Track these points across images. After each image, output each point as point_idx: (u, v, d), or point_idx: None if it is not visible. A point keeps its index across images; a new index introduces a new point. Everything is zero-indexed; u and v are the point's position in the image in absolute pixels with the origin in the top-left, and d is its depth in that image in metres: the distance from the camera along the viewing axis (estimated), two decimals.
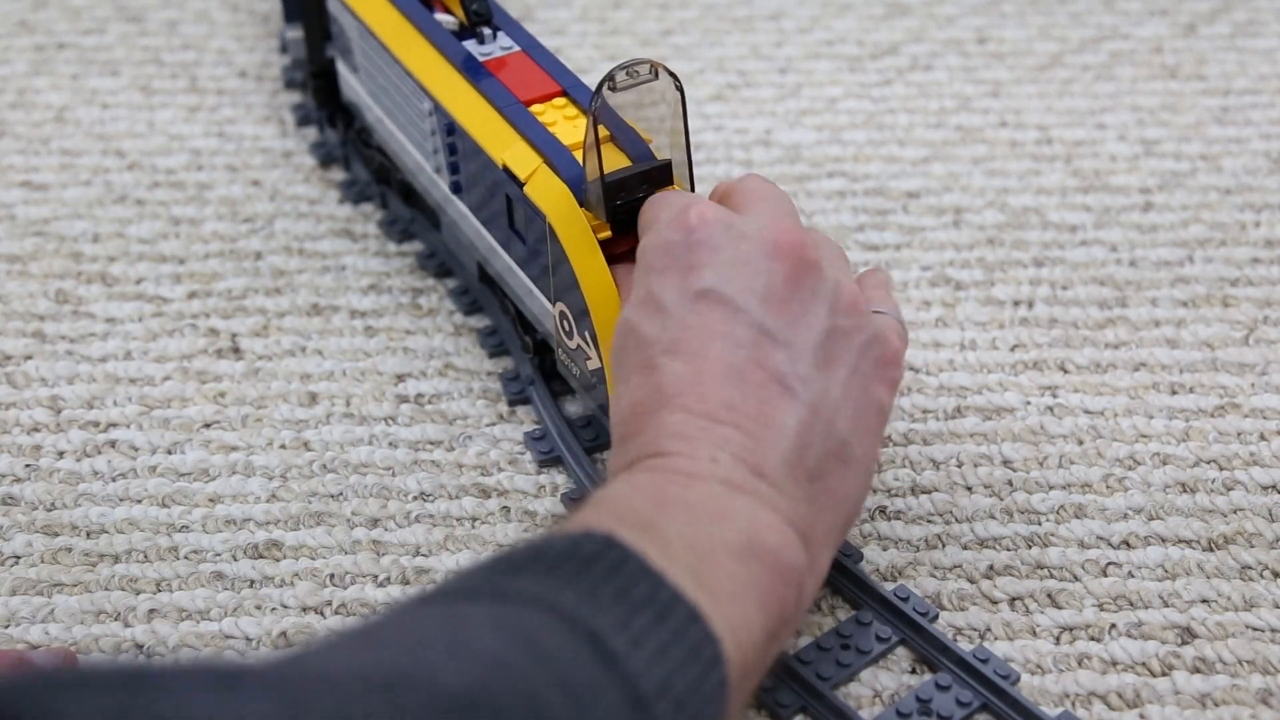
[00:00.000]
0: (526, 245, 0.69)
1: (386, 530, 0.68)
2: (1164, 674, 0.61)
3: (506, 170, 0.68)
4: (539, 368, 0.73)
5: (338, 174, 0.88)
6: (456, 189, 0.75)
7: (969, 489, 0.69)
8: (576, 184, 0.65)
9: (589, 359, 0.66)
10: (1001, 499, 0.68)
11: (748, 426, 0.54)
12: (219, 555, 0.67)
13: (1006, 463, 0.70)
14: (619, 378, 0.58)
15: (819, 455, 0.55)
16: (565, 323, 0.67)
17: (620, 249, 0.65)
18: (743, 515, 0.52)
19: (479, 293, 0.78)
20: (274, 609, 0.65)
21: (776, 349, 0.56)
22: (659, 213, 0.61)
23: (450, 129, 0.73)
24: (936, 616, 0.63)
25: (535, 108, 0.69)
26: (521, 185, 0.67)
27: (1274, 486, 0.69)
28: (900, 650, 0.62)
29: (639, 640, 0.45)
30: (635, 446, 0.55)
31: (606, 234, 0.65)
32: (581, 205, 0.65)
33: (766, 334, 0.56)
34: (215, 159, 0.90)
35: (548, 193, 0.66)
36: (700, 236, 0.58)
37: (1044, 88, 0.95)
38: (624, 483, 0.53)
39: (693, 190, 0.66)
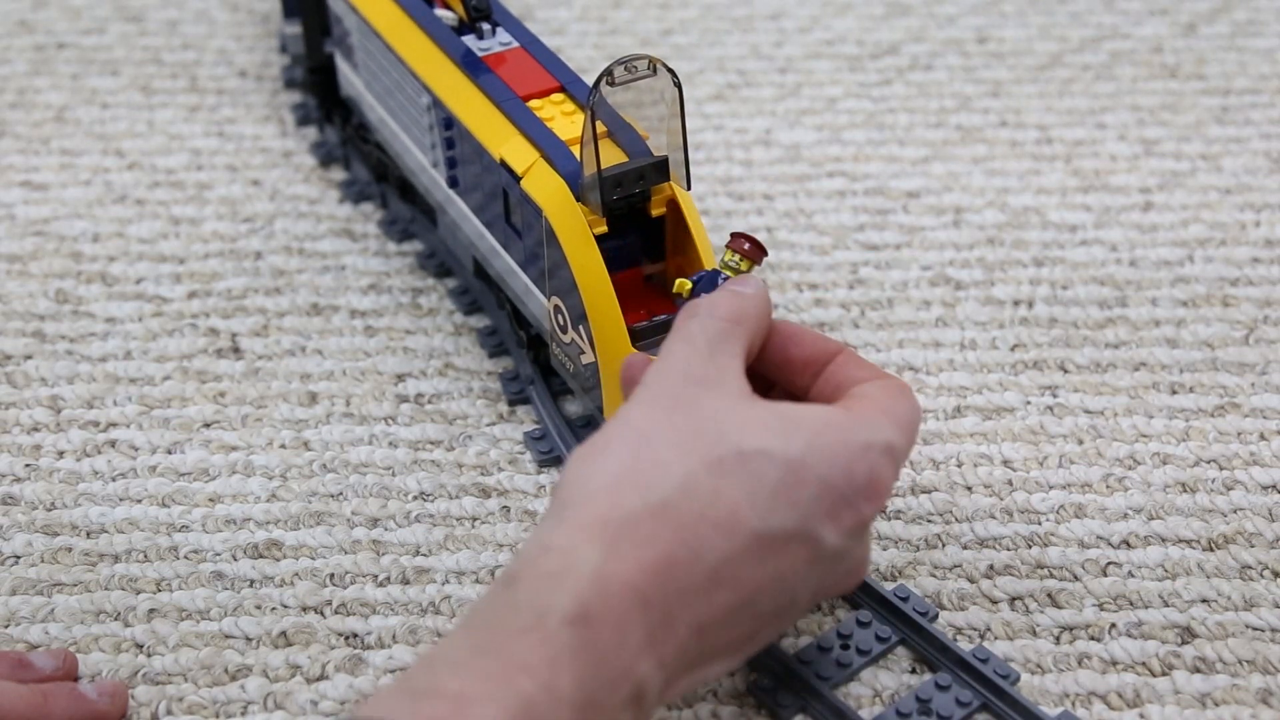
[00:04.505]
0: (522, 239, 0.69)
1: (386, 530, 0.68)
2: (1164, 674, 0.61)
3: (504, 164, 0.68)
4: (537, 364, 0.73)
5: (338, 174, 0.88)
6: (454, 184, 0.75)
7: (969, 489, 0.69)
8: (573, 179, 0.65)
9: (583, 353, 0.66)
10: (1001, 499, 0.68)
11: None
12: (219, 555, 0.67)
13: (1006, 463, 0.70)
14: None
15: None
16: (560, 317, 0.67)
17: (615, 244, 0.65)
18: None
19: (479, 292, 0.78)
20: (274, 609, 0.64)
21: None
22: (877, 398, 0.56)
23: (448, 123, 0.73)
24: (936, 616, 0.63)
25: (533, 103, 0.70)
26: (518, 179, 0.67)
27: (1274, 486, 0.69)
28: (900, 650, 0.62)
29: None
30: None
31: (602, 228, 0.65)
32: (578, 200, 0.65)
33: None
34: (215, 159, 0.90)
35: (544, 187, 0.66)
36: (865, 511, 0.54)
37: (1044, 87, 0.95)
38: None
39: (689, 184, 0.66)
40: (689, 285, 0.61)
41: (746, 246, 0.61)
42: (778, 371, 0.59)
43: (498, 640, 0.48)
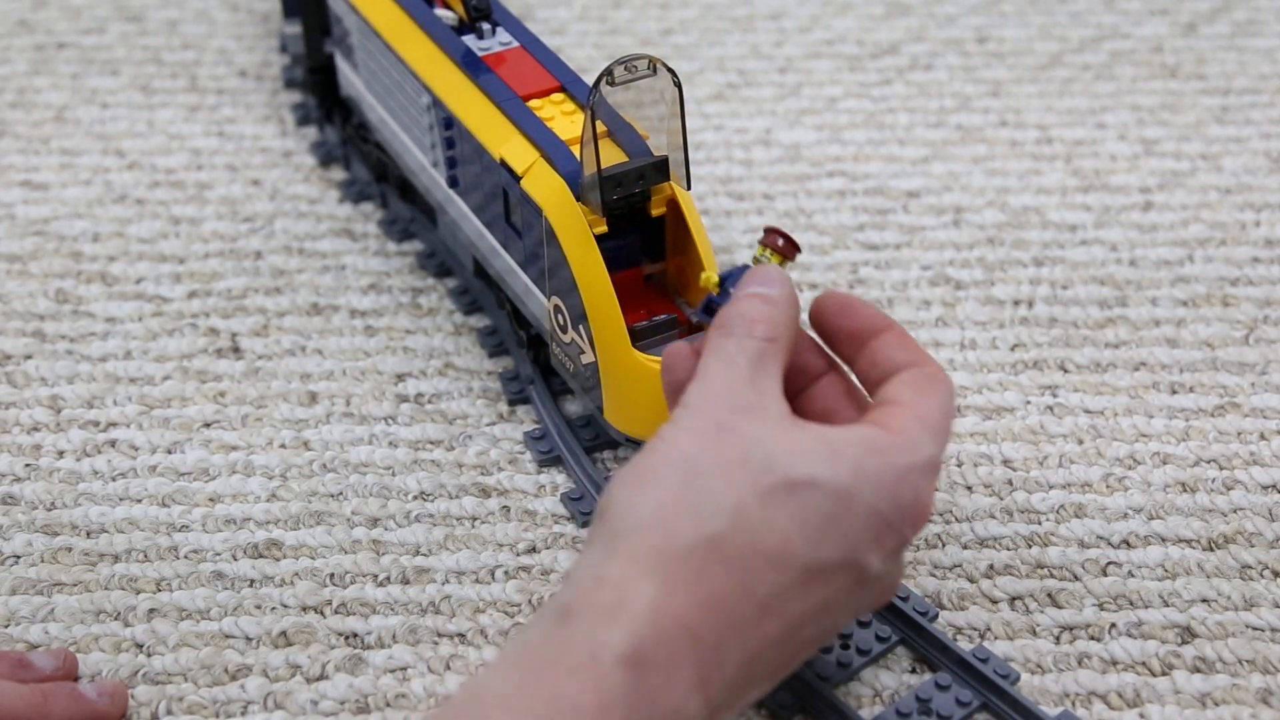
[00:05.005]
0: (523, 239, 0.69)
1: (386, 530, 0.68)
2: (1164, 674, 0.61)
3: (504, 164, 0.68)
4: (537, 364, 0.73)
5: (338, 173, 0.88)
6: (454, 184, 0.75)
7: (969, 489, 0.69)
8: (573, 179, 0.65)
9: (583, 353, 0.66)
10: (1001, 499, 0.68)
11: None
12: (219, 555, 0.67)
13: (1006, 462, 0.70)
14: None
15: None
16: (560, 317, 0.67)
17: (615, 243, 0.65)
18: None
19: (479, 292, 0.78)
20: (274, 609, 0.65)
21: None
22: (918, 401, 0.55)
23: (448, 123, 0.73)
24: (936, 616, 0.63)
25: (533, 103, 0.70)
26: (519, 179, 0.67)
27: (1274, 486, 0.69)
28: (900, 650, 0.62)
29: None
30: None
31: (602, 228, 0.65)
32: (578, 199, 0.65)
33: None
34: (215, 158, 0.90)
35: (544, 187, 0.66)
36: (907, 533, 0.54)
37: (1044, 87, 0.95)
38: None
39: (689, 184, 0.66)
40: (715, 279, 0.60)
41: (780, 243, 0.60)
42: (825, 339, 0.59)
43: (549, 677, 0.48)
